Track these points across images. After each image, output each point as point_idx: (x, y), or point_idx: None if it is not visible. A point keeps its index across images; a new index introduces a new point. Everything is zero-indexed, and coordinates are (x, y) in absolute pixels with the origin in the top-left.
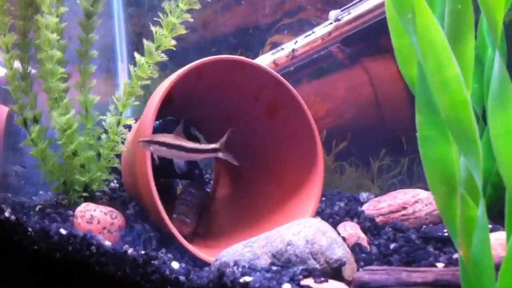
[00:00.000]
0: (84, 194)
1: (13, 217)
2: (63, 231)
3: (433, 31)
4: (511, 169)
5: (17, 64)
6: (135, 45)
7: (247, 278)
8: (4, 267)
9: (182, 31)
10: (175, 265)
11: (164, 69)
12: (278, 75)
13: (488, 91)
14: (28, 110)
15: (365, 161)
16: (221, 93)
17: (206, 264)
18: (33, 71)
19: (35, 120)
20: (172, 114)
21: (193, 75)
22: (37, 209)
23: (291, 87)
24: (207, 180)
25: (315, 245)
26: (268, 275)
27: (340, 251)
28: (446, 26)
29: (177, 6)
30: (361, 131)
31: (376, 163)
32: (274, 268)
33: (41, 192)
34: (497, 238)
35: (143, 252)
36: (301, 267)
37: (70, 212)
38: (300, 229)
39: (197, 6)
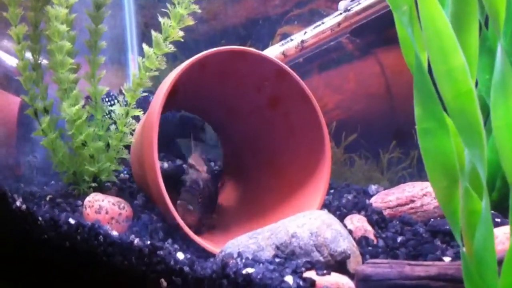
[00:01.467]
0: (93, 185)
1: (24, 207)
2: (72, 221)
3: (438, 19)
4: (511, 160)
5: (28, 55)
6: (145, 36)
7: (250, 270)
8: (16, 255)
9: (190, 22)
10: (180, 255)
11: (174, 60)
12: (283, 65)
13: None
14: (39, 100)
15: (375, 154)
16: (223, 85)
17: (211, 255)
18: (45, 61)
19: (46, 111)
20: (179, 105)
21: (197, 67)
22: (47, 199)
23: (297, 77)
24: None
25: (320, 238)
26: (271, 267)
27: (345, 244)
28: (450, 15)
29: None
30: (371, 123)
31: (386, 156)
32: (277, 260)
33: (52, 182)
34: (506, 232)
35: (149, 242)
36: (305, 260)
37: (80, 202)
38: (305, 221)
39: None
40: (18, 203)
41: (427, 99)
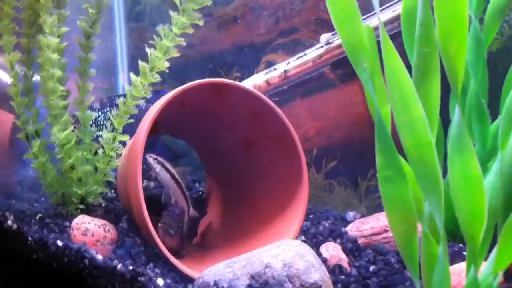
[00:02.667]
0: (81, 206)
1: (15, 226)
2: (59, 243)
3: (400, 73)
4: (467, 213)
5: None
6: (135, 58)
7: None
8: (6, 274)
9: (175, 54)
10: (160, 282)
11: (163, 82)
12: (262, 96)
13: (470, 120)
14: (30, 124)
15: (353, 181)
16: (203, 117)
17: (192, 280)
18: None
19: (37, 134)
20: (165, 131)
21: (177, 101)
22: (37, 218)
23: (277, 109)
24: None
25: (292, 269)
26: None
27: (317, 275)
28: (414, 68)
29: (171, 30)
30: (350, 150)
31: (364, 183)
32: None
33: (42, 199)
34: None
35: (131, 268)
36: None
37: (67, 223)
38: (279, 252)
39: (190, 31)
40: (9, 222)
41: (387, 149)
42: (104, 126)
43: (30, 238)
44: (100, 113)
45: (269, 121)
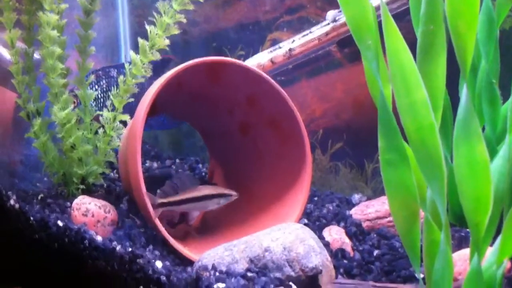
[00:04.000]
0: (81, 187)
1: (17, 206)
2: (60, 223)
3: (402, 54)
4: (471, 200)
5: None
6: (139, 35)
7: (220, 285)
8: (9, 254)
9: (176, 31)
10: (159, 264)
11: (167, 61)
12: (264, 75)
13: (480, 101)
14: (31, 103)
15: (359, 163)
16: (202, 97)
17: (191, 262)
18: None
19: (38, 113)
20: (164, 110)
21: (174, 83)
22: (39, 198)
23: (277, 86)
24: (203, 173)
25: (292, 253)
26: (242, 282)
27: (317, 260)
28: (418, 47)
29: (171, 6)
30: (357, 132)
31: (370, 165)
32: (249, 274)
33: (45, 178)
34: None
35: (130, 249)
36: (276, 274)
37: (68, 203)
38: (279, 236)
39: (191, 7)
40: (11, 202)
41: (389, 132)
42: (102, 100)
43: (32, 218)
44: (97, 86)
45: (271, 101)
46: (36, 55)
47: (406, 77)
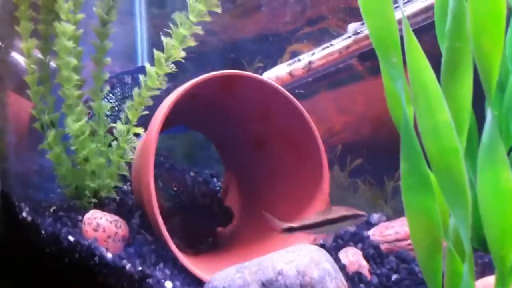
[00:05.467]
0: (94, 200)
1: (29, 218)
2: (71, 238)
3: (425, 72)
4: (496, 231)
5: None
6: (157, 45)
7: None
8: (20, 266)
9: (192, 43)
10: (168, 284)
11: (184, 71)
12: (280, 88)
13: (508, 121)
14: (45, 114)
15: (379, 180)
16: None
17: (202, 283)
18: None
19: (52, 124)
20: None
21: (189, 96)
22: (51, 210)
23: (294, 100)
24: (217, 188)
25: (306, 277)
26: None
27: (332, 285)
28: (443, 64)
29: (188, 18)
30: (377, 148)
31: (390, 183)
32: None
33: (59, 190)
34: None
35: (140, 268)
36: None
37: (80, 217)
38: (294, 258)
39: (208, 19)
40: (24, 214)
41: (412, 155)
42: (116, 109)
43: (43, 231)
44: (111, 95)
45: (287, 115)
46: (53, 64)
47: (429, 97)
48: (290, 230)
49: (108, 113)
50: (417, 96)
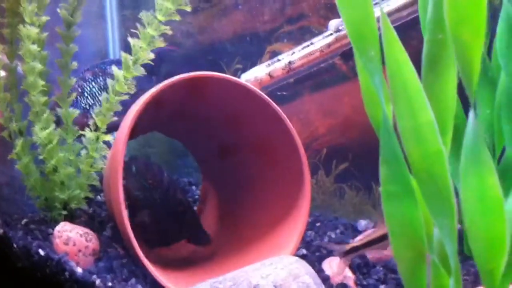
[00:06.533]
0: (64, 212)
1: (1, 231)
2: (41, 252)
3: (405, 69)
4: (483, 243)
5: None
6: (129, 49)
7: None
8: None
9: (161, 44)
10: None
11: (158, 74)
12: (256, 91)
13: (500, 120)
14: (13, 122)
15: (367, 186)
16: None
17: None
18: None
19: (20, 133)
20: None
21: (157, 101)
22: (23, 222)
23: (271, 102)
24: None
25: None
26: None
27: None
28: (424, 58)
29: (155, 17)
30: (364, 151)
31: (378, 189)
32: None
33: (30, 201)
34: None
35: (109, 284)
36: None
37: (50, 230)
38: (270, 272)
39: (177, 18)
40: None
41: (392, 159)
42: (98, 98)
43: (15, 245)
44: (93, 83)
45: (265, 119)
46: (20, 69)
47: (409, 95)
48: (354, 250)
49: (90, 103)
50: (396, 94)
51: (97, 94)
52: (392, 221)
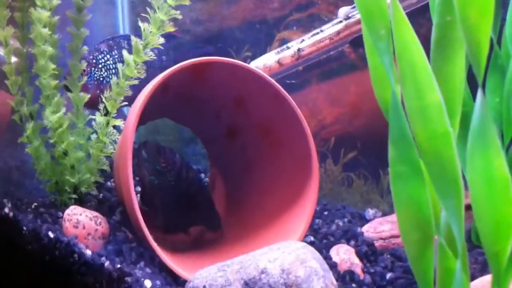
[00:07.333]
0: (74, 196)
1: (11, 214)
2: (51, 235)
3: (413, 48)
4: (489, 224)
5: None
6: (140, 36)
7: None
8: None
9: (171, 28)
10: (148, 283)
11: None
12: (265, 76)
13: (509, 107)
14: (24, 105)
15: (375, 174)
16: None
17: (184, 282)
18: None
19: (31, 116)
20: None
21: (165, 87)
22: (33, 206)
23: (276, 84)
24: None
25: (291, 276)
26: None
27: (319, 284)
28: (432, 42)
29: (165, 1)
30: (372, 140)
31: (386, 177)
32: None
33: (41, 186)
34: None
35: (118, 266)
36: None
37: (60, 213)
38: (278, 256)
39: (187, 2)
40: (6, 210)
41: (401, 139)
42: (114, 71)
43: (24, 228)
44: (108, 56)
45: (273, 104)
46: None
47: (416, 75)
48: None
49: (104, 75)
50: (403, 73)
51: (111, 67)
52: (400, 201)
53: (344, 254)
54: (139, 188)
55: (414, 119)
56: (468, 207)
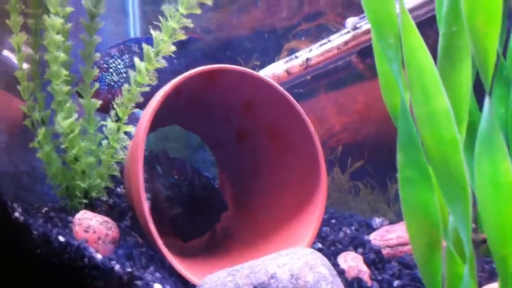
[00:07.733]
0: (84, 201)
1: (22, 218)
2: (61, 238)
3: (421, 56)
4: (496, 229)
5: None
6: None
7: None
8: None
9: (182, 36)
10: (157, 287)
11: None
12: (273, 83)
13: None
14: (36, 111)
15: (382, 183)
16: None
17: (193, 286)
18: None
19: (43, 122)
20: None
21: (176, 94)
22: (43, 211)
23: (289, 96)
24: None
25: (300, 281)
26: None
27: None
28: (439, 51)
29: (177, 10)
30: (379, 149)
31: (394, 186)
32: None
33: (52, 191)
34: None
35: (128, 270)
36: None
37: (70, 218)
38: (287, 261)
39: (198, 11)
40: (16, 214)
41: (410, 144)
42: (125, 76)
43: (35, 232)
44: (119, 60)
45: (281, 110)
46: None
47: (424, 81)
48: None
49: (115, 79)
50: (412, 80)
51: (122, 71)
52: (408, 207)
53: (352, 261)
54: (149, 195)
55: (422, 125)
56: None
